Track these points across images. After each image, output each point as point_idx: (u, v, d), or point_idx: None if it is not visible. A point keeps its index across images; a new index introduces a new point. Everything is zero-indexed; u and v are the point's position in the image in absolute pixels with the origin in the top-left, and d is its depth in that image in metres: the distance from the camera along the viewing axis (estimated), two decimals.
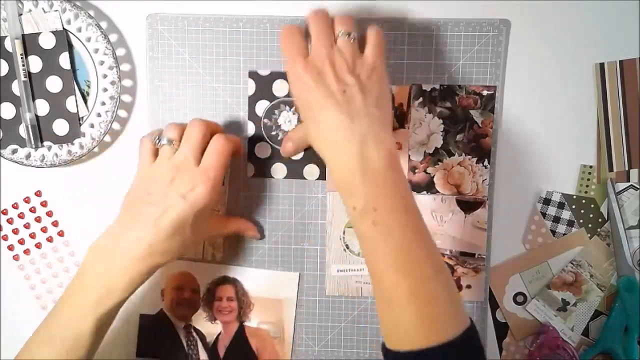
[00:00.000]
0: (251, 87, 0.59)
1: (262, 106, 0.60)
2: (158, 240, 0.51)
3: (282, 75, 0.59)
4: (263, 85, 0.59)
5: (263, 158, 0.60)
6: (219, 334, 0.62)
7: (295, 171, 0.60)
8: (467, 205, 0.60)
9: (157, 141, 0.54)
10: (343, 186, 0.48)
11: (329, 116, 0.48)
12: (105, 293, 0.51)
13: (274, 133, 0.60)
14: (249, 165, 0.60)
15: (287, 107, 0.59)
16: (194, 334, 0.62)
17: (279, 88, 0.59)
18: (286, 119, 0.60)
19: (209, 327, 0.62)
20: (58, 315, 0.51)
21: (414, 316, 0.45)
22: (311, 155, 0.59)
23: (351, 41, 0.51)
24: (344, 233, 0.61)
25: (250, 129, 0.60)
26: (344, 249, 0.61)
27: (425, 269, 0.46)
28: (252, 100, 0.60)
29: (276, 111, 0.60)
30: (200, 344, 0.62)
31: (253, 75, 0.59)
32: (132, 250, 0.51)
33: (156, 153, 0.54)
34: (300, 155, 0.60)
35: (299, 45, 0.51)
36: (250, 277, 0.62)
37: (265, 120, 0.60)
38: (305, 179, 0.61)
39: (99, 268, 0.51)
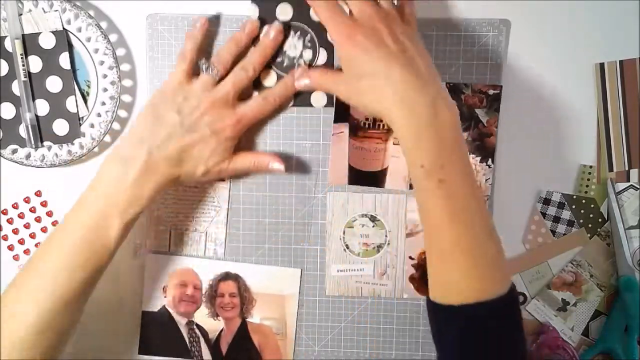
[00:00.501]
0: (253, 11, 0.57)
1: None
2: (181, 152, 0.53)
3: None
4: (266, 9, 0.57)
5: (268, 86, 0.58)
6: (222, 330, 0.62)
7: (303, 99, 0.58)
8: None
9: (204, 67, 0.55)
10: (411, 144, 0.48)
11: (398, 76, 0.48)
12: (131, 201, 0.52)
13: (279, 59, 0.58)
14: (253, 92, 0.58)
15: (292, 32, 0.57)
16: (197, 330, 0.62)
17: (283, 11, 0.57)
18: (291, 45, 0.58)
19: (211, 323, 0.62)
20: (74, 225, 0.52)
21: (470, 270, 0.47)
22: None
23: (395, 2, 0.51)
24: (344, 233, 0.61)
25: None
26: (344, 249, 0.61)
27: (483, 226, 0.48)
28: None
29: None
30: (202, 341, 0.62)
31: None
32: (156, 155, 0.52)
33: (191, 73, 0.55)
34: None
35: (338, 7, 0.51)
36: (253, 273, 0.62)
37: None
38: (312, 106, 0.59)
39: (121, 175, 0.52)
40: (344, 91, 0.52)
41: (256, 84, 0.58)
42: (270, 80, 0.58)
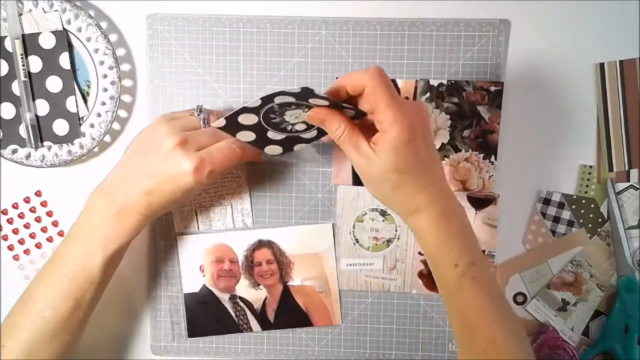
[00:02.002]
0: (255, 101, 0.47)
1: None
2: (156, 188, 0.51)
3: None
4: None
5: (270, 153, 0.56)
6: (265, 298, 0.62)
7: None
8: (478, 202, 0.60)
9: (197, 110, 0.55)
10: (445, 246, 0.48)
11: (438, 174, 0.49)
12: (113, 234, 0.52)
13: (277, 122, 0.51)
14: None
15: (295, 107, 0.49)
16: (241, 303, 0.62)
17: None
18: (291, 115, 0.50)
19: (253, 293, 0.62)
20: (64, 256, 0.53)
21: None
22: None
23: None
24: (353, 227, 0.61)
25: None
26: (354, 243, 0.61)
27: (513, 315, 0.49)
28: None
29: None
30: (248, 312, 0.62)
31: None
32: (133, 193, 0.51)
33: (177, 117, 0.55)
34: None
35: None
36: (285, 236, 0.61)
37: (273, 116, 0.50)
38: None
39: (103, 209, 0.52)
40: (363, 162, 0.47)
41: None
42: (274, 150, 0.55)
